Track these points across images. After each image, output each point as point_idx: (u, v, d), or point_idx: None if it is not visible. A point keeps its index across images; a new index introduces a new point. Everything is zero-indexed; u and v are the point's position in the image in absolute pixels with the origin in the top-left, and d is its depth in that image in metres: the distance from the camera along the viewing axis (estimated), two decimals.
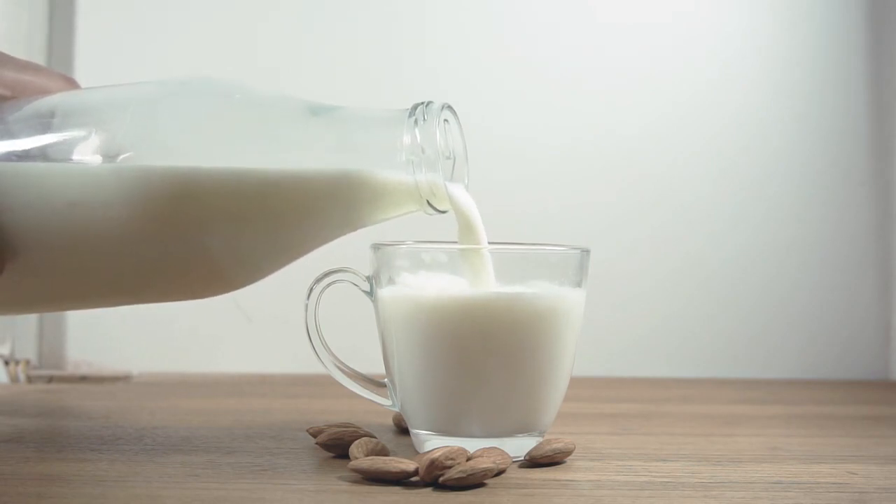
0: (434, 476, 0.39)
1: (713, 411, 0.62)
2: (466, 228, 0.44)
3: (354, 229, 0.44)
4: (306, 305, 0.46)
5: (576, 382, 0.48)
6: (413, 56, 0.82)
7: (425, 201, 0.42)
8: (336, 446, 0.44)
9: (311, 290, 0.46)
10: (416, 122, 0.41)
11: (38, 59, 0.79)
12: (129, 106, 0.41)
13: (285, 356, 0.74)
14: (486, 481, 0.40)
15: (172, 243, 0.40)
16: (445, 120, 0.43)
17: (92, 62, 0.79)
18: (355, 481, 0.40)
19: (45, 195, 0.39)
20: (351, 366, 0.47)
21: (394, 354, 0.45)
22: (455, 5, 0.82)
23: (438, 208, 0.43)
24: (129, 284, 0.43)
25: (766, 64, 0.83)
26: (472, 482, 0.39)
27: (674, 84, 0.83)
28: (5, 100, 0.42)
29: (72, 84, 0.45)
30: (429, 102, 0.42)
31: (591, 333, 0.57)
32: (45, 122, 0.41)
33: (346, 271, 0.46)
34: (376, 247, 0.45)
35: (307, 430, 0.47)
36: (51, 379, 0.74)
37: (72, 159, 0.40)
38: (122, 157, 0.39)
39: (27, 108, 0.42)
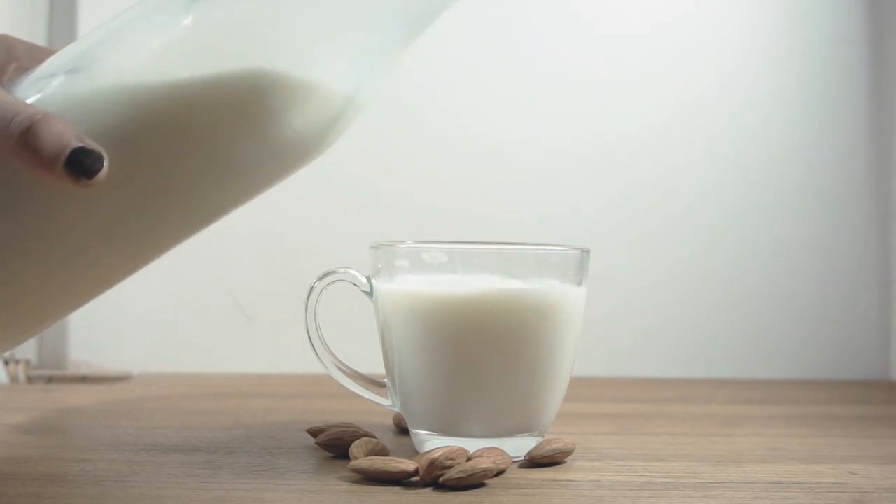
0: (434, 476, 0.39)
1: (713, 411, 0.62)
2: None
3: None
4: (306, 305, 0.46)
5: (576, 382, 0.48)
6: (413, 57, 0.81)
7: None
8: (336, 446, 0.44)
9: (311, 289, 0.46)
10: None
11: None
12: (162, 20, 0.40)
13: (285, 356, 0.74)
14: (486, 481, 0.40)
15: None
16: None
17: None
18: (355, 481, 0.40)
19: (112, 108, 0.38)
20: (351, 366, 0.47)
21: (394, 354, 0.45)
22: (454, 6, 0.82)
23: None
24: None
25: (766, 65, 0.83)
26: (472, 482, 0.39)
27: (674, 85, 0.83)
28: None
29: None
30: None
31: (591, 333, 0.56)
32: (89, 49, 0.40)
33: (346, 271, 0.46)
34: (376, 246, 0.45)
35: (307, 430, 0.47)
36: (51, 379, 0.73)
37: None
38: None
39: (62, 51, 0.41)
